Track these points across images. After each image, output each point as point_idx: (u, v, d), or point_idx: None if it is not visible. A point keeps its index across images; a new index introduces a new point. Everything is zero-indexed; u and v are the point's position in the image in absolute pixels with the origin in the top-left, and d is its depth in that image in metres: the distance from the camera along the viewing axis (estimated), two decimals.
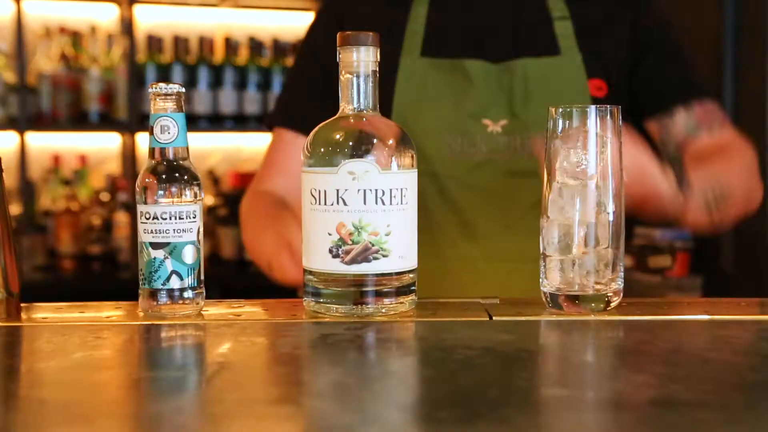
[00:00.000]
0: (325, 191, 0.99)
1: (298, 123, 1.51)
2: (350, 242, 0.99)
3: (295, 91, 1.58)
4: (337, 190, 0.99)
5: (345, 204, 0.99)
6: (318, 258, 1.00)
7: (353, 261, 0.99)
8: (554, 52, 1.48)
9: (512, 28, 1.50)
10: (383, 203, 0.99)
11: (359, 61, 1.02)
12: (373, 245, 0.99)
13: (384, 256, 0.99)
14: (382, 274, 1.00)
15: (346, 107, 1.03)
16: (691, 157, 1.41)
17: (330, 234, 0.99)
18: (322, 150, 1.01)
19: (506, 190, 1.48)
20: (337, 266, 0.99)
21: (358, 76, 1.02)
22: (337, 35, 1.03)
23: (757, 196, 1.45)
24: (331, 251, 0.99)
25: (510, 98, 1.46)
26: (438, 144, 1.46)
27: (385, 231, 0.99)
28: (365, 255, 0.99)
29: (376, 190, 0.99)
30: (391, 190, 0.99)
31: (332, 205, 0.99)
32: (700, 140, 1.48)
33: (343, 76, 1.03)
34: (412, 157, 1.03)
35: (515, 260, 1.48)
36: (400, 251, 1.00)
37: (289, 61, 3.66)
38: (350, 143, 1.00)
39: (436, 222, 1.48)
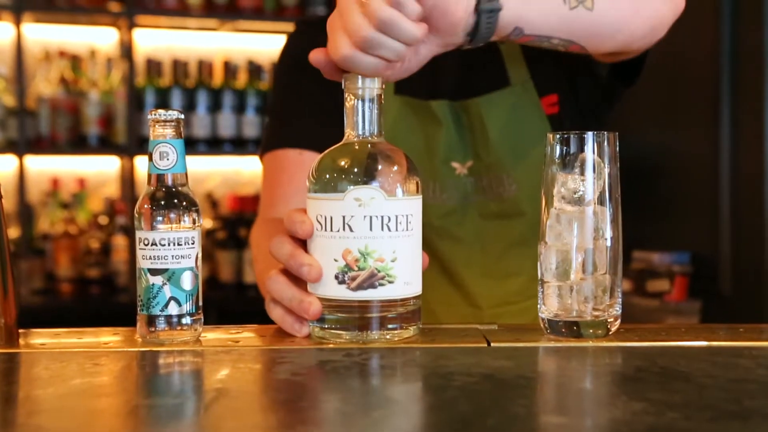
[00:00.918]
0: (331, 217, 1.00)
1: (301, 141, 1.47)
2: (356, 268, 0.99)
3: (288, 113, 1.53)
4: (344, 217, 0.99)
5: (351, 230, 0.99)
6: (324, 284, 1.00)
7: (359, 287, 0.99)
8: (504, 83, 1.44)
9: (461, 64, 1.47)
10: (389, 229, 0.99)
11: (364, 87, 1.02)
12: (379, 271, 0.99)
13: (390, 282, 0.99)
14: (388, 300, 1.00)
15: (351, 133, 1.03)
16: None
17: (336, 260, 0.99)
18: (328, 176, 1.01)
19: (479, 235, 1.46)
20: (343, 292, 0.99)
21: (363, 102, 1.02)
22: None
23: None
24: (336, 277, 0.99)
25: (472, 138, 1.44)
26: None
27: (391, 257, 0.99)
28: (371, 281, 0.99)
29: (382, 217, 0.99)
30: (396, 216, 0.99)
31: (338, 231, 0.99)
32: None
33: (348, 102, 1.03)
34: (417, 183, 1.03)
35: (496, 305, 1.47)
36: (405, 277, 1.00)
37: None
38: (356, 169, 1.00)
39: None
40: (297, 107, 1.51)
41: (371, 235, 0.99)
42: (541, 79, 1.45)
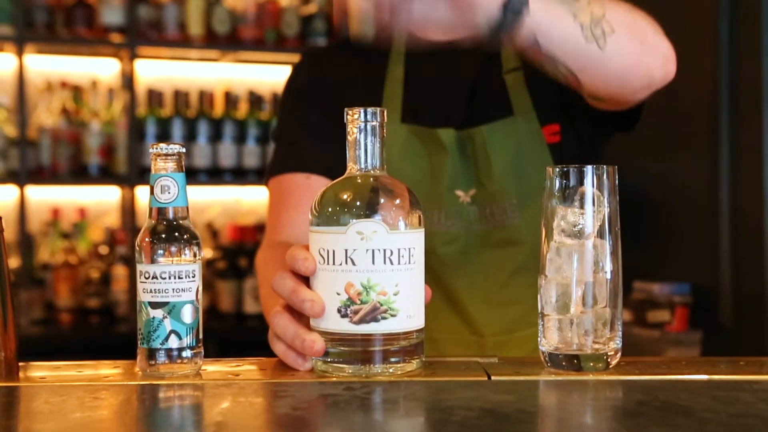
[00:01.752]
0: (333, 251, 1.00)
1: (309, 165, 1.47)
2: (359, 302, 0.99)
3: (295, 138, 1.53)
4: (346, 250, 0.99)
5: (354, 264, 0.99)
6: (326, 318, 1.00)
7: (362, 321, 0.99)
8: (507, 113, 1.45)
9: (470, 93, 1.48)
10: (391, 263, 0.99)
11: (366, 121, 1.03)
12: (381, 305, 0.99)
13: (392, 315, 0.99)
14: (391, 334, 1.00)
15: (353, 167, 1.03)
16: None
17: (338, 294, 0.99)
18: (330, 209, 1.01)
19: (481, 262, 1.46)
20: (345, 326, 0.99)
21: (365, 136, 1.03)
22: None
23: (667, 57, 1.32)
24: (339, 311, 0.99)
25: (475, 167, 1.44)
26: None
27: (394, 291, 0.99)
28: (374, 315, 0.99)
29: (385, 250, 0.99)
30: (399, 249, 1.00)
31: (341, 264, 0.99)
32: None
33: (350, 136, 1.03)
34: (420, 216, 1.03)
35: (498, 333, 1.47)
36: (408, 311, 1.00)
37: None
38: (358, 203, 1.01)
39: None
40: (304, 133, 1.51)
41: (374, 268, 0.99)
42: (544, 108, 1.46)
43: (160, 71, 3.78)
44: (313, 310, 1.00)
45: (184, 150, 1.03)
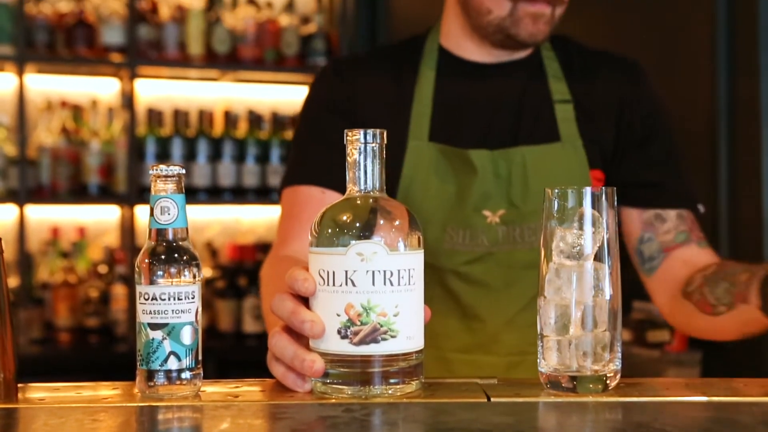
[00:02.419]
0: (333, 272, 1.00)
1: (325, 180, 1.46)
2: (359, 323, 0.99)
3: (314, 149, 1.51)
4: (346, 271, 0.99)
5: (354, 285, 0.99)
6: (326, 339, 1.00)
7: (362, 342, 0.99)
8: (554, 138, 1.47)
9: (514, 114, 1.49)
10: (391, 284, 0.99)
11: (366, 143, 1.03)
12: (381, 326, 0.99)
13: (392, 336, 0.99)
14: (390, 355, 1.00)
15: (353, 188, 1.03)
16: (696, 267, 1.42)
17: (338, 315, 0.99)
18: (330, 231, 1.01)
19: (505, 283, 1.46)
20: (345, 347, 0.99)
21: (365, 158, 1.03)
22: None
23: None
24: (339, 332, 0.99)
25: (508, 187, 1.45)
26: (440, 235, 1.45)
27: (393, 312, 0.99)
28: (374, 336, 0.99)
29: (385, 271, 0.99)
30: (399, 270, 1.00)
31: (341, 286, 0.99)
32: (689, 248, 1.46)
33: (350, 157, 1.04)
34: (419, 238, 1.03)
35: (514, 353, 1.47)
36: (407, 332, 1.00)
37: (288, 134, 3.69)
38: (358, 224, 1.01)
39: (434, 312, 1.46)
40: (323, 146, 1.49)
41: (374, 289, 0.99)
42: (592, 150, 1.48)
43: (160, 90, 3.79)
44: (313, 331, 1.00)
45: (183, 171, 1.03)
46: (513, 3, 1.43)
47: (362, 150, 1.03)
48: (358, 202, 1.03)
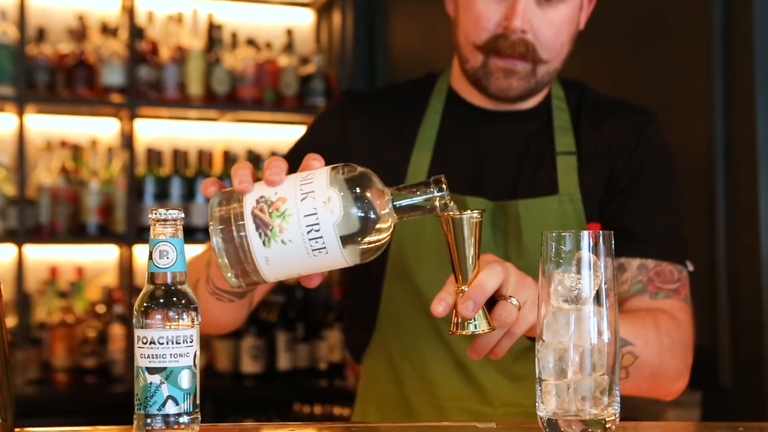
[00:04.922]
0: None
1: None
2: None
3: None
4: None
5: None
6: None
7: None
8: (552, 191, 1.46)
9: (515, 164, 1.48)
10: None
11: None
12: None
13: None
14: None
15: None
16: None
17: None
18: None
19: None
20: None
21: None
22: None
23: (680, 379, 1.37)
24: None
25: (505, 241, 1.44)
26: (434, 283, 1.44)
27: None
28: None
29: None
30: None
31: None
32: (640, 300, 1.42)
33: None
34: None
35: (509, 405, 1.46)
36: None
37: None
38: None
39: (429, 359, 1.45)
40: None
41: None
42: (591, 200, 1.46)
43: (160, 131, 3.80)
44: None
45: (182, 215, 1.03)
46: (484, 56, 1.44)
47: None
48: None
